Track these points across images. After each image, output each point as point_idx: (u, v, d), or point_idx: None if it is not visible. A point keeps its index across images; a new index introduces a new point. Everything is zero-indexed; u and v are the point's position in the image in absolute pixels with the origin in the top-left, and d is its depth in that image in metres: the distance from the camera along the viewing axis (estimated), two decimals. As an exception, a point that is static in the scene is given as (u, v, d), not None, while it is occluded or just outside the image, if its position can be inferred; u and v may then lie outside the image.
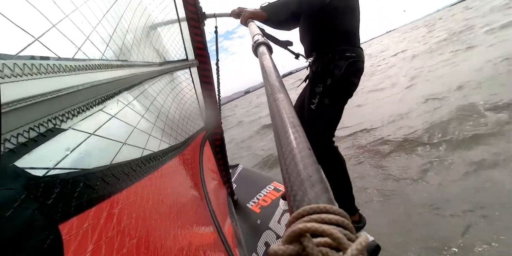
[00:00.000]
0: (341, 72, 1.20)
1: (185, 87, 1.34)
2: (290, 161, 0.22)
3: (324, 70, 1.25)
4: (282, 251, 0.15)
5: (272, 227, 1.55)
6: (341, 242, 0.14)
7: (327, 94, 1.25)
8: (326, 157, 1.32)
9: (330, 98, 1.25)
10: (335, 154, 1.34)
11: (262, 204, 1.81)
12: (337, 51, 1.23)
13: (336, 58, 1.22)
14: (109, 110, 0.41)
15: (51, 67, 0.29)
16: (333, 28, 1.24)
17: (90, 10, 0.46)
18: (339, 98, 1.28)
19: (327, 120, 1.30)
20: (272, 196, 1.86)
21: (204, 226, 0.76)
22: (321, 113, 1.28)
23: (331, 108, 1.27)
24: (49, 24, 0.32)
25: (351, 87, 1.28)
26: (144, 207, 0.39)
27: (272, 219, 1.61)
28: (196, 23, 1.39)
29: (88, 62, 0.38)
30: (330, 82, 1.23)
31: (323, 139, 1.31)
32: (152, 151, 0.54)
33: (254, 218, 1.70)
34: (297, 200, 0.18)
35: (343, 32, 1.25)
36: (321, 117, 1.29)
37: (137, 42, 0.74)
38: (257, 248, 1.42)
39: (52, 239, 0.22)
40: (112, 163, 0.35)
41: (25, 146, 0.22)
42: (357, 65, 1.24)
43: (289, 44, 1.39)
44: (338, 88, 1.24)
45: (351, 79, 1.24)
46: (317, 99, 1.27)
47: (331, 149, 1.34)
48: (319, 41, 1.30)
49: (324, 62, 1.25)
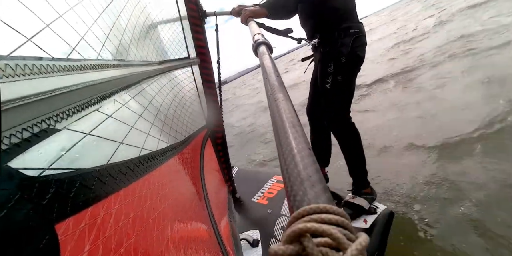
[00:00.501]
0: (348, 48, 1.25)
1: (186, 86, 1.34)
2: (290, 161, 0.22)
3: (332, 49, 1.30)
4: (282, 251, 0.15)
5: (284, 213, 1.55)
6: (341, 242, 0.14)
7: (340, 72, 1.30)
8: (344, 132, 1.39)
9: (343, 75, 1.30)
10: (352, 129, 1.39)
11: (268, 196, 1.81)
12: (342, 29, 1.27)
13: (342, 36, 1.27)
14: (106, 110, 0.40)
15: (44, 67, 0.28)
16: (334, 8, 1.28)
17: (85, 9, 0.45)
18: (351, 74, 1.33)
19: (343, 96, 1.36)
20: (277, 187, 1.86)
21: (201, 226, 0.76)
22: (337, 91, 1.34)
23: (345, 84, 1.32)
24: (42, 24, 0.32)
25: (359, 62, 1.33)
26: (141, 206, 0.39)
27: (282, 207, 1.61)
28: (197, 21, 1.39)
29: (83, 62, 0.38)
30: (338, 60, 1.28)
31: (341, 116, 1.37)
32: (150, 150, 0.53)
33: (263, 210, 1.69)
34: (297, 200, 0.18)
35: (344, 10, 1.29)
36: (337, 95, 1.35)
37: (135, 41, 0.73)
38: (274, 233, 1.44)
39: (48, 239, 0.22)
40: (109, 163, 0.34)
41: (19, 147, 0.22)
42: (361, 40, 1.29)
43: (289, 32, 1.42)
44: (348, 65, 1.29)
45: (359, 54, 1.29)
46: (331, 78, 1.32)
47: (348, 125, 1.39)
48: (321, 23, 1.33)
49: (331, 41, 1.30)
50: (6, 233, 0.19)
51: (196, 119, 1.34)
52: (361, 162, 1.42)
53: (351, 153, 1.41)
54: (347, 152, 1.42)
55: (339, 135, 1.41)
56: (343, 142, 1.41)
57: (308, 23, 1.41)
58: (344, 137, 1.40)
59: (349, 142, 1.39)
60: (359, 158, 1.42)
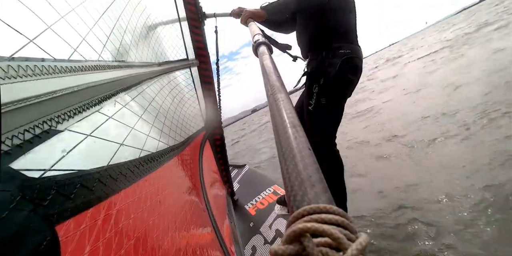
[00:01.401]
0: (336, 69, 1.18)
1: (185, 87, 1.34)
2: (290, 161, 0.22)
3: (318, 69, 1.23)
4: (282, 251, 0.15)
5: (262, 232, 1.53)
6: (341, 242, 0.14)
7: (324, 94, 1.23)
8: (324, 159, 1.27)
9: (327, 97, 1.23)
10: (334, 158, 1.30)
11: (258, 207, 1.81)
12: (331, 49, 1.21)
13: (329, 56, 1.21)
14: (106, 111, 0.40)
15: (46, 68, 0.29)
16: (330, 27, 1.23)
17: (87, 11, 0.45)
18: (336, 96, 1.25)
19: (326, 120, 1.28)
20: (270, 199, 1.86)
21: (201, 227, 0.75)
22: (319, 114, 1.26)
23: (330, 107, 1.25)
24: (44, 25, 0.32)
25: (348, 85, 1.25)
26: (142, 208, 0.39)
27: (264, 223, 1.60)
28: (196, 23, 1.39)
29: (84, 63, 0.38)
30: (323, 81, 1.21)
31: (322, 140, 1.28)
32: (150, 152, 0.53)
33: (248, 220, 1.69)
34: (297, 200, 0.18)
35: (339, 30, 1.24)
36: (319, 118, 1.27)
37: (135, 43, 0.73)
38: (244, 250, 1.41)
39: (48, 241, 0.22)
40: (110, 164, 0.34)
41: (20, 148, 0.22)
42: (354, 62, 1.22)
43: (287, 48, 1.37)
44: (333, 87, 1.22)
45: (348, 77, 1.22)
46: (314, 100, 1.25)
47: (331, 152, 1.30)
48: (315, 41, 1.29)
49: (318, 61, 1.24)
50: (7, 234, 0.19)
51: (195, 120, 1.34)
52: (340, 195, 1.30)
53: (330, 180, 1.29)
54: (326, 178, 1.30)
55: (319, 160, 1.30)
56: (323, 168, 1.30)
57: (302, 40, 1.38)
58: (324, 164, 1.25)
59: (328, 171, 1.24)
60: (338, 190, 1.30)
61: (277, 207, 1.72)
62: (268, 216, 1.66)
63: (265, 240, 1.45)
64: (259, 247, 1.41)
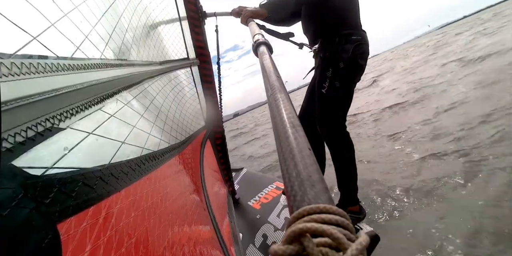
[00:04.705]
0: (348, 55, 1.23)
1: (186, 86, 1.34)
2: (290, 161, 0.22)
3: (332, 54, 1.28)
4: (282, 251, 0.15)
5: (271, 221, 1.56)
6: (341, 242, 0.14)
7: (338, 77, 1.27)
8: (336, 141, 1.33)
9: (341, 81, 1.28)
10: (346, 139, 1.34)
11: (263, 202, 1.83)
12: (343, 35, 1.25)
13: (342, 42, 1.25)
14: (108, 109, 0.40)
15: (49, 66, 0.29)
16: (336, 14, 1.27)
17: (89, 9, 0.45)
18: (349, 81, 1.31)
19: (338, 103, 1.32)
20: (274, 194, 1.87)
21: (202, 225, 0.76)
22: (332, 97, 1.31)
23: (342, 91, 1.29)
24: (47, 23, 0.32)
25: (359, 70, 1.30)
26: (142, 206, 0.39)
27: (271, 213, 1.62)
28: (196, 22, 1.39)
29: (86, 61, 0.38)
30: (342, 65, 1.26)
31: (335, 123, 1.32)
32: (151, 150, 0.54)
33: (253, 214, 1.72)
34: (297, 200, 0.18)
35: (346, 17, 1.28)
36: (332, 101, 1.32)
37: (137, 41, 0.73)
38: (254, 239, 1.45)
39: (50, 239, 0.22)
40: (111, 163, 0.34)
41: (23, 145, 0.22)
42: (363, 48, 1.27)
43: (290, 36, 1.40)
44: (348, 71, 1.27)
45: (359, 62, 1.27)
46: (328, 83, 1.29)
47: (342, 133, 1.34)
48: (323, 28, 1.32)
49: (331, 47, 1.28)
50: (9, 232, 0.19)
51: (196, 119, 1.34)
52: (352, 176, 1.34)
53: (342, 165, 1.34)
54: (338, 163, 1.35)
55: (331, 143, 1.35)
56: (335, 152, 1.34)
57: (310, 29, 1.40)
58: (336, 146, 1.33)
59: (341, 152, 1.32)
60: (350, 171, 1.34)
61: (283, 198, 1.73)
62: (274, 207, 1.68)
63: (275, 227, 1.49)
64: (270, 235, 1.44)
